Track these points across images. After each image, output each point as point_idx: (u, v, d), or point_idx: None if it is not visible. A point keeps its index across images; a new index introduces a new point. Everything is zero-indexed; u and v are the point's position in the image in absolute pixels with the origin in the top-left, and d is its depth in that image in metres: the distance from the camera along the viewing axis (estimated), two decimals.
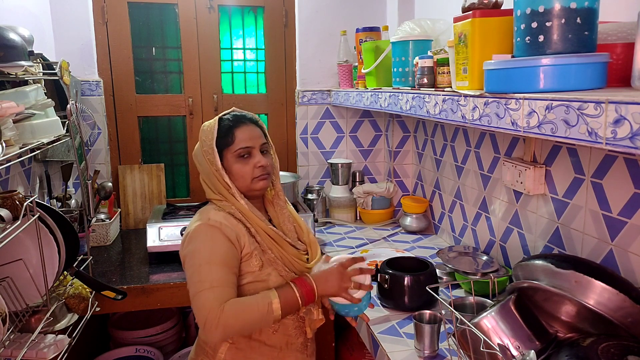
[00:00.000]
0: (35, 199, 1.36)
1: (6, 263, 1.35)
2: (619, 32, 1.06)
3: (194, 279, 1.20)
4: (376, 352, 1.49)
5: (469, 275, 1.67)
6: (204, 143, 1.35)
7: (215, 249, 1.23)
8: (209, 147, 1.33)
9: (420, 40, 1.67)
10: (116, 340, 2.36)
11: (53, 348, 1.40)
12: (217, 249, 1.23)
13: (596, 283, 1.08)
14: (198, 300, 1.18)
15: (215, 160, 1.32)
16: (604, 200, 1.34)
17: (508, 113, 1.05)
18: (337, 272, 1.27)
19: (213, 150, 1.32)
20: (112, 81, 2.57)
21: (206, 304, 1.16)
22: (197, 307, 1.18)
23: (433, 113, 1.42)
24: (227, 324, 1.15)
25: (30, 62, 1.52)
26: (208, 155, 1.34)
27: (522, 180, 1.62)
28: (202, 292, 1.18)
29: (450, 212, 2.25)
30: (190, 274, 1.22)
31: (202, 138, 1.36)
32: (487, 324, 1.17)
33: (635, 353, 0.98)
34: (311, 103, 2.71)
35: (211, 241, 1.24)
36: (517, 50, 1.05)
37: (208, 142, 1.33)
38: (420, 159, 2.57)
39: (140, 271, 2.02)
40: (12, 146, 1.36)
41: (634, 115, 0.74)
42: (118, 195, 2.58)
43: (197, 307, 1.18)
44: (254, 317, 1.19)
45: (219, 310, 1.15)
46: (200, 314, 1.17)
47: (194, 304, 1.19)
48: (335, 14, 2.65)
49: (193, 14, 2.61)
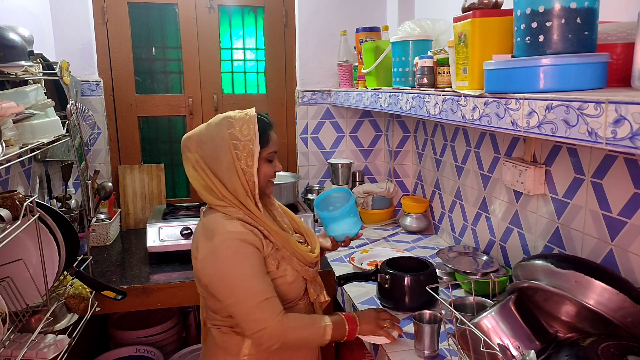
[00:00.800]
0: (35, 199, 1.36)
1: (6, 263, 1.35)
2: (619, 32, 1.06)
3: (245, 293, 1.22)
4: (376, 352, 1.48)
5: (469, 275, 1.67)
6: (236, 138, 1.29)
7: (252, 260, 1.25)
8: (247, 143, 1.28)
9: (420, 40, 1.67)
10: (116, 340, 2.36)
11: (53, 348, 1.40)
12: (254, 260, 1.26)
13: (596, 283, 1.08)
14: (258, 312, 1.21)
15: (253, 158, 1.29)
16: (604, 200, 1.34)
17: (508, 113, 1.05)
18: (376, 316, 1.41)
19: (253, 148, 1.29)
20: (112, 81, 2.57)
21: (269, 316, 1.22)
22: (256, 318, 1.21)
23: (433, 113, 1.42)
24: (287, 337, 1.23)
25: (30, 62, 1.52)
26: (241, 151, 1.28)
27: (522, 180, 1.62)
28: (260, 303, 1.22)
29: (450, 212, 2.25)
30: (236, 288, 1.23)
31: (234, 132, 1.29)
32: (487, 324, 1.17)
33: (635, 353, 0.98)
34: (311, 103, 2.71)
35: (244, 254, 1.25)
36: (517, 50, 1.05)
37: (246, 138, 1.29)
38: (420, 159, 2.57)
39: (140, 271, 2.02)
40: (12, 146, 1.36)
41: (634, 115, 0.74)
42: (118, 195, 2.58)
43: (257, 318, 1.21)
44: (309, 336, 1.28)
45: (281, 322, 1.23)
46: (261, 324, 1.21)
47: (251, 316, 1.22)
48: (335, 14, 2.66)
49: (193, 14, 2.61)
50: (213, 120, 1.35)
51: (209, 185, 1.32)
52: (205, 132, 1.33)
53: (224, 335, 1.35)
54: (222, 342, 1.36)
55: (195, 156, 1.32)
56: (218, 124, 1.32)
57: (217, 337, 1.37)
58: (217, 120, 1.33)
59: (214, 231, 1.27)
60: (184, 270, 2.02)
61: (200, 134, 1.33)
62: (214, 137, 1.31)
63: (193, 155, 1.32)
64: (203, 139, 1.32)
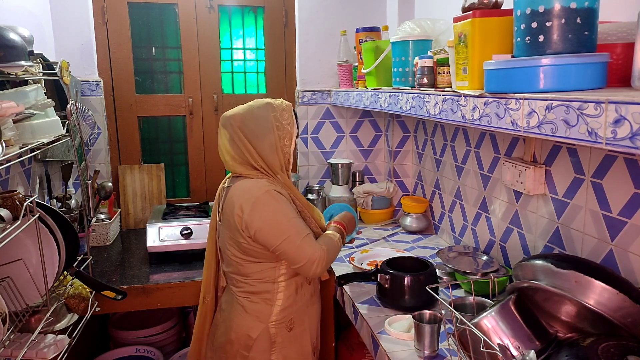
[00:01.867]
0: (35, 199, 1.36)
1: (6, 263, 1.35)
2: (619, 32, 1.06)
3: (293, 231, 1.47)
4: (376, 352, 1.49)
5: (469, 275, 1.67)
6: (278, 120, 1.54)
7: (290, 207, 1.52)
8: (286, 126, 1.56)
9: (420, 40, 1.67)
10: (116, 340, 2.36)
11: (53, 348, 1.40)
12: (291, 206, 1.53)
13: (596, 283, 1.08)
14: (305, 245, 1.47)
15: (292, 140, 1.58)
16: (604, 200, 1.34)
17: (508, 113, 1.05)
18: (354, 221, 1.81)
19: (292, 131, 1.58)
20: (112, 81, 2.57)
21: (314, 247, 1.49)
22: (305, 251, 1.47)
23: (433, 113, 1.42)
24: (330, 258, 1.52)
25: (30, 62, 1.52)
26: (283, 132, 1.55)
27: (522, 180, 1.62)
28: (305, 238, 1.48)
29: (450, 212, 2.25)
30: (283, 228, 1.47)
31: (276, 116, 1.55)
32: (487, 324, 1.17)
33: (635, 353, 0.98)
34: (311, 103, 2.71)
35: (284, 201, 1.51)
36: (517, 50, 1.05)
37: (286, 122, 1.56)
38: (420, 159, 2.57)
39: (140, 271, 2.02)
40: (12, 146, 1.36)
41: (634, 115, 0.74)
42: (118, 195, 2.58)
43: (305, 250, 1.47)
44: (336, 249, 1.58)
45: (324, 250, 1.50)
46: (309, 254, 1.47)
47: (301, 249, 1.47)
48: (335, 14, 2.65)
49: (193, 14, 2.61)
50: (255, 104, 1.58)
51: (246, 156, 1.54)
52: (249, 112, 1.56)
53: (255, 304, 1.56)
54: (253, 310, 1.55)
55: (237, 132, 1.54)
56: (262, 107, 1.56)
57: (247, 305, 1.56)
58: (260, 104, 1.57)
59: (252, 189, 1.51)
60: (184, 270, 2.02)
61: (245, 113, 1.56)
62: (258, 117, 1.54)
63: (234, 130, 1.54)
64: (247, 116, 1.55)
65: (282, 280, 1.56)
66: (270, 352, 1.56)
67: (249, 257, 1.54)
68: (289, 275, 1.57)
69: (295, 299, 1.59)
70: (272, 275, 1.55)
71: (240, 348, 1.56)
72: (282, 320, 1.57)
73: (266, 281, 1.56)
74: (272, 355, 1.56)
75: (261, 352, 1.56)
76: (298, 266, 1.48)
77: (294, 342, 1.60)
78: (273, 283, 1.56)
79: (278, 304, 1.56)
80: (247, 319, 1.56)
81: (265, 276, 1.55)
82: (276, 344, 1.57)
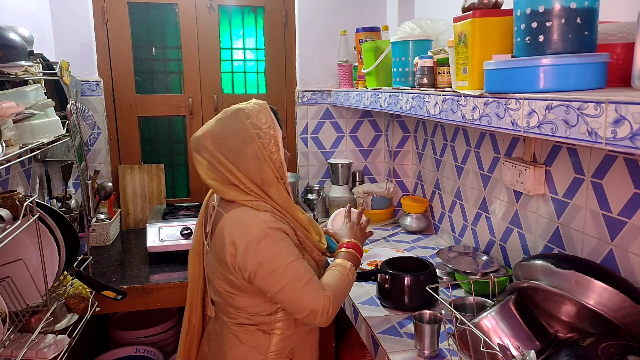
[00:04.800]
0: (35, 199, 1.36)
1: (6, 263, 1.35)
2: (619, 32, 1.06)
3: (292, 277, 1.24)
4: (376, 352, 1.49)
5: (469, 275, 1.67)
6: (256, 124, 1.28)
7: (290, 247, 1.28)
8: (267, 130, 1.29)
9: (420, 40, 1.67)
10: (116, 340, 2.36)
11: (53, 348, 1.40)
12: (291, 245, 1.29)
13: (596, 283, 1.09)
14: (306, 294, 1.25)
15: (278, 143, 1.31)
16: (604, 200, 1.34)
17: (508, 113, 1.05)
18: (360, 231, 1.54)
19: (275, 133, 1.30)
20: (112, 81, 2.57)
21: (317, 296, 1.26)
22: (305, 301, 1.25)
23: (433, 113, 1.42)
24: (338, 303, 1.30)
25: (30, 62, 1.52)
26: (264, 139, 1.29)
27: (522, 180, 1.62)
28: (306, 284, 1.25)
29: (450, 212, 2.25)
30: (281, 274, 1.24)
31: (253, 119, 1.29)
32: (487, 324, 1.17)
33: (635, 353, 0.99)
34: (311, 103, 2.71)
35: (283, 241, 1.27)
36: (517, 50, 1.05)
37: (265, 125, 1.29)
38: (420, 159, 2.57)
39: (140, 271, 2.02)
40: (12, 146, 1.36)
41: (634, 115, 0.74)
42: (118, 195, 2.58)
43: (306, 300, 1.25)
44: (346, 287, 1.36)
45: (327, 296, 1.27)
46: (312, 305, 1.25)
47: (300, 298, 1.25)
48: (335, 14, 2.66)
49: (193, 14, 2.61)
50: (224, 115, 1.32)
51: (232, 180, 1.29)
52: (221, 128, 1.29)
53: (251, 334, 1.36)
54: (249, 340, 1.36)
55: (213, 154, 1.28)
56: (234, 117, 1.30)
57: (242, 335, 1.37)
58: (231, 114, 1.31)
59: (249, 223, 1.26)
60: (184, 270, 2.02)
61: (216, 130, 1.29)
62: (232, 130, 1.28)
63: (210, 154, 1.29)
64: (221, 133, 1.29)
65: (281, 311, 1.35)
66: None
67: (241, 292, 1.33)
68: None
69: (296, 328, 1.39)
70: (268, 309, 1.35)
71: None
72: (281, 350, 1.37)
73: (262, 315, 1.35)
74: None
75: None
76: (300, 317, 1.27)
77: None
78: (270, 315, 1.35)
79: (277, 332, 1.36)
80: (243, 350, 1.37)
81: (261, 310, 1.34)
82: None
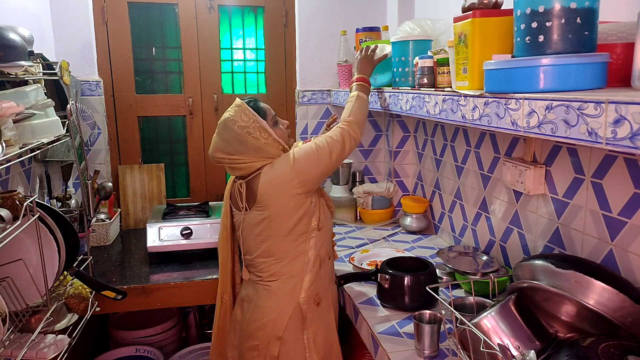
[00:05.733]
0: (35, 199, 1.36)
1: (6, 263, 1.35)
2: (619, 32, 1.06)
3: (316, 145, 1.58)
4: (376, 352, 1.49)
5: (469, 275, 1.67)
6: (243, 125, 1.55)
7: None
8: (254, 123, 1.55)
9: (420, 40, 1.67)
10: (116, 340, 2.36)
11: (53, 348, 1.40)
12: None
13: (596, 283, 1.09)
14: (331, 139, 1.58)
15: (267, 130, 1.56)
16: (604, 200, 1.34)
17: (508, 113, 1.05)
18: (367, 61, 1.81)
19: (260, 123, 1.56)
20: (112, 81, 2.57)
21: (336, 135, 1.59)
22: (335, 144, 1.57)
23: (433, 113, 1.42)
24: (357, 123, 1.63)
25: (30, 62, 1.52)
26: (255, 132, 1.55)
27: (522, 180, 1.62)
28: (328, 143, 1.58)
29: (450, 212, 2.25)
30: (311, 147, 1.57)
31: (239, 123, 1.55)
32: (487, 324, 1.17)
33: (635, 353, 0.98)
34: (311, 103, 2.71)
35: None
36: (517, 50, 1.05)
37: (250, 121, 1.55)
38: (420, 159, 2.57)
39: (140, 271, 2.02)
40: (12, 146, 1.36)
41: (634, 115, 0.74)
42: (118, 195, 2.58)
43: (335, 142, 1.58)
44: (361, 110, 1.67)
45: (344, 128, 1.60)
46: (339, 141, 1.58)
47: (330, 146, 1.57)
48: (335, 14, 2.66)
49: (193, 14, 2.61)
50: (219, 129, 1.61)
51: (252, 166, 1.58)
52: (221, 140, 1.59)
53: (284, 284, 1.60)
54: (283, 290, 1.60)
55: (228, 159, 1.59)
56: (226, 128, 1.58)
57: (276, 287, 1.60)
58: (223, 126, 1.59)
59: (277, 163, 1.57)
60: (184, 270, 2.02)
61: (218, 144, 1.60)
62: (229, 139, 1.57)
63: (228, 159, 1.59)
64: (224, 145, 1.59)
65: (311, 255, 1.60)
66: (303, 329, 1.59)
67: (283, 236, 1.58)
68: (317, 249, 1.62)
69: (319, 274, 1.63)
70: (303, 249, 1.60)
71: (274, 330, 1.58)
72: (310, 295, 1.60)
73: (296, 256, 1.60)
74: (304, 332, 1.59)
75: (294, 330, 1.58)
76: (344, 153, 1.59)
77: (321, 317, 1.64)
78: (303, 256, 1.60)
79: (307, 278, 1.60)
80: (278, 300, 1.60)
81: (298, 251, 1.59)
82: (307, 320, 1.59)
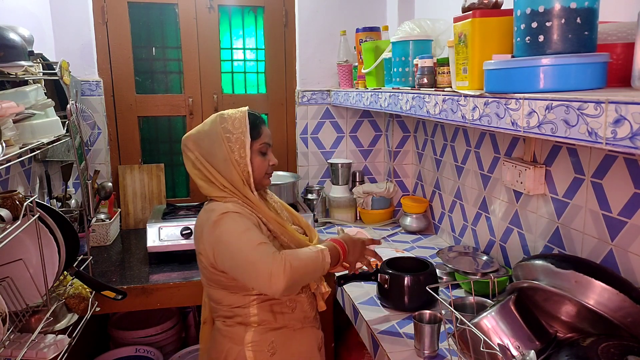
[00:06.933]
0: (35, 199, 1.36)
1: (6, 263, 1.35)
2: (619, 32, 1.06)
3: (239, 246, 1.28)
4: (376, 352, 1.49)
5: (469, 275, 1.67)
6: (229, 131, 1.39)
7: (247, 224, 1.33)
8: (239, 135, 1.38)
9: (420, 40, 1.67)
10: (116, 340, 2.36)
11: (53, 348, 1.40)
12: (249, 224, 1.33)
13: (596, 283, 1.09)
14: (254, 256, 1.25)
15: (245, 149, 1.38)
16: (604, 200, 1.34)
17: (508, 113, 1.05)
18: (362, 245, 1.51)
19: (245, 139, 1.39)
20: (112, 81, 2.57)
21: (265, 256, 1.25)
22: (255, 263, 1.25)
23: (433, 113, 1.42)
24: (292, 269, 1.25)
25: (30, 62, 1.52)
26: (234, 144, 1.38)
27: (522, 180, 1.62)
28: (255, 248, 1.26)
29: (450, 212, 2.25)
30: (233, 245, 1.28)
31: (226, 127, 1.39)
32: (487, 324, 1.17)
33: (635, 353, 0.99)
34: (311, 103, 2.71)
35: (241, 221, 1.33)
36: (517, 50, 1.05)
37: (238, 131, 1.39)
38: (420, 159, 2.57)
39: (140, 271, 2.02)
40: (12, 146, 1.36)
41: (634, 115, 0.74)
42: (118, 195, 2.58)
43: (256, 262, 1.25)
44: (311, 262, 1.32)
45: (281, 257, 1.25)
46: (262, 267, 1.24)
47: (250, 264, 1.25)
48: (335, 14, 2.65)
49: (193, 14, 2.61)
50: (208, 119, 1.45)
51: (210, 178, 1.41)
52: (201, 130, 1.43)
53: (230, 327, 1.42)
54: (228, 332, 1.43)
55: (195, 154, 1.41)
56: (212, 121, 1.42)
57: (223, 329, 1.44)
58: (212, 118, 1.44)
59: (214, 210, 1.36)
60: (184, 270, 2.02)
61: (197, 132, 1.43)
62: (208, 133, 1.41)
63: (192, 154, 1.42)
64: (200, 136, 1.42)
65: (255, 304, 1.40)
66: None
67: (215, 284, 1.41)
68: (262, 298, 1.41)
69: (275, 320, 1.42)
70: (242, 302, 1.40)
71: None
72: (259, 342, 1.40)
73: (237, 307, 1.41)
74: None
75: None
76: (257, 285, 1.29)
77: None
78: (244, 308, 1.40)
79: (253, 325, 1.41)
80: (224, 342, 1.43)
81: (235, 302, 1.41)
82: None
